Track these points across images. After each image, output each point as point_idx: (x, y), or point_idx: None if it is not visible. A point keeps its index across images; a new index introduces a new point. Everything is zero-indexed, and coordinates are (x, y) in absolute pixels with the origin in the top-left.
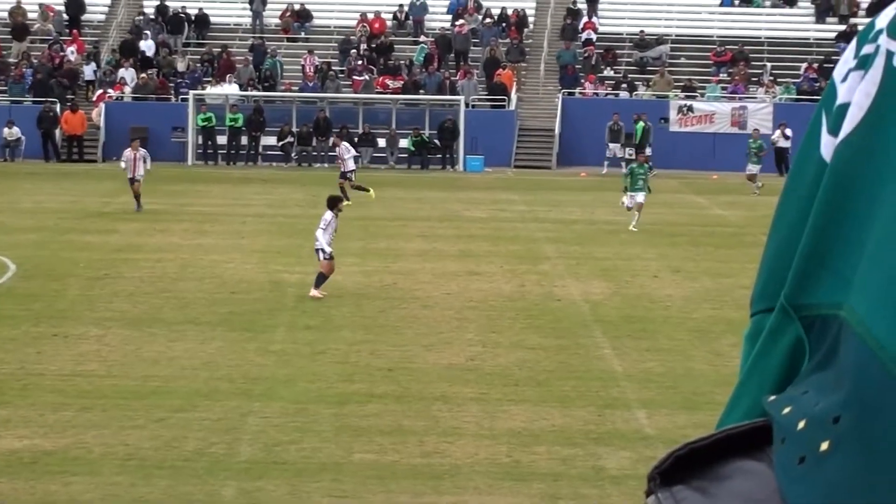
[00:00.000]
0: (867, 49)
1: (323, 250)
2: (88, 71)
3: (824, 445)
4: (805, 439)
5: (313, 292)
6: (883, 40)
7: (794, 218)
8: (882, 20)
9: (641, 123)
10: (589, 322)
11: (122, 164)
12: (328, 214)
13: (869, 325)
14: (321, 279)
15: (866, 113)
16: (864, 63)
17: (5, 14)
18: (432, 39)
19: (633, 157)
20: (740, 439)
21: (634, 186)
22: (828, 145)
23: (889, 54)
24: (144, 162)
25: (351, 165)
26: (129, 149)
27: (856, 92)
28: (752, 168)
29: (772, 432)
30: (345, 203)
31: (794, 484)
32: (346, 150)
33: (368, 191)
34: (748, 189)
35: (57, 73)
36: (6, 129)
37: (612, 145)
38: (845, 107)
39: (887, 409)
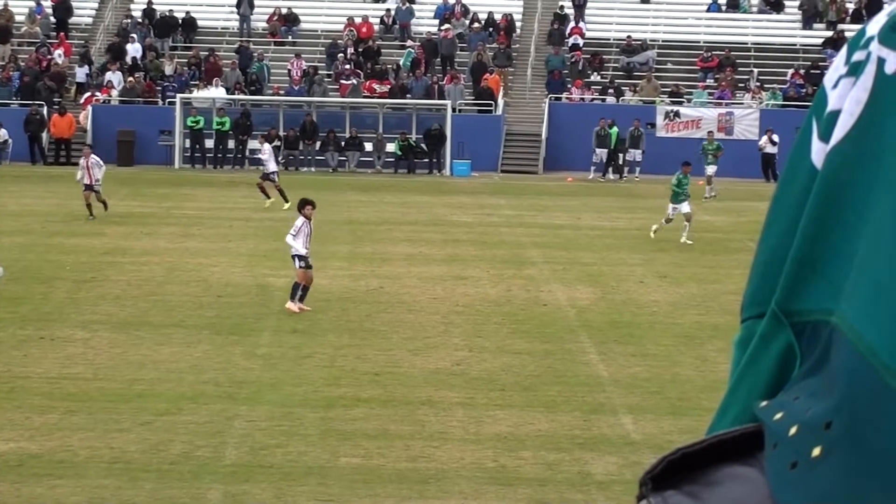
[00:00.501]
0: (858, 56)
1: (300, 256)
2: (81, 73)
3: (816, 451)
4: (797, 445)
5: (290, 305)
6: (874, 47)
7: (784, 224)
8: (873, 27)
9: (615, 129)
10: (575, 327)
11: (78, 174)
12: (299, 220)
13: (861, 332)
14: (296, 290)
15: (857, 120)
16: (854, 70)
17: None
18: (419, 44)
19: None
20: (732, 445)
21: (678, 198)
22: (819, 152)
23: (880, 61)
24: (99, 168)
25: (272, 167)
26: (83, 156)
27: (847, 99)
28: (709, 170)
29: (763, 438)
30: (268, 202)
31: (786, 489)
32: (268, 154)
33: (287, 201)
34: (709, 192)
35: (44, 75)
36: None
37: (598, 150)
38: (836, 113)
39: (879, 415)
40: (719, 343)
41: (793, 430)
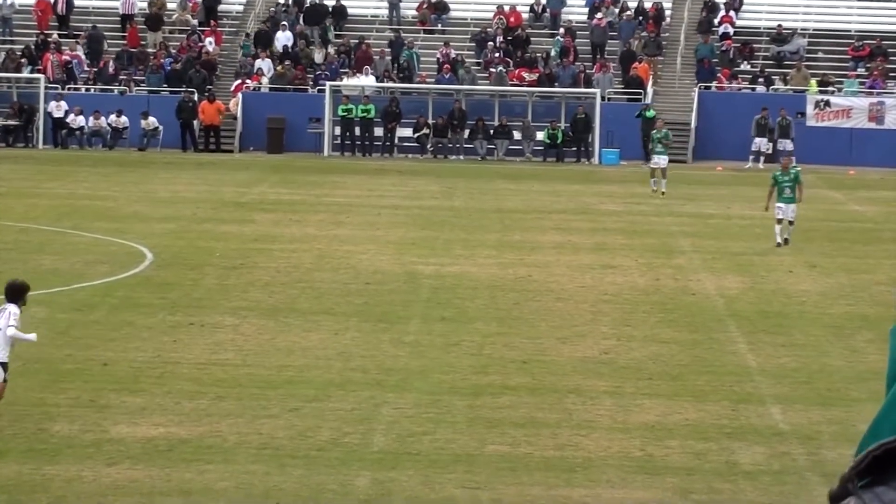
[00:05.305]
0: None
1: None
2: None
3: None
4: None
5: None
6: None
7: None
8: None
9: (652, 111)
10: (723, 316)
11: None
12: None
13: None
14: None
15: None
16: None
17: (145, 4)
18: (565, 31)
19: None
20: None
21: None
22: None
23: None
24: None
25: None
26: None
27: None
28: (658, 160)
29: None
30: None
31: None
32: None
33: None
34: (651, 187)
35: (196, 63)
36: (142, 120)
37: (757, 140)
38: None
39: None
40: (869, 334)
41: None
